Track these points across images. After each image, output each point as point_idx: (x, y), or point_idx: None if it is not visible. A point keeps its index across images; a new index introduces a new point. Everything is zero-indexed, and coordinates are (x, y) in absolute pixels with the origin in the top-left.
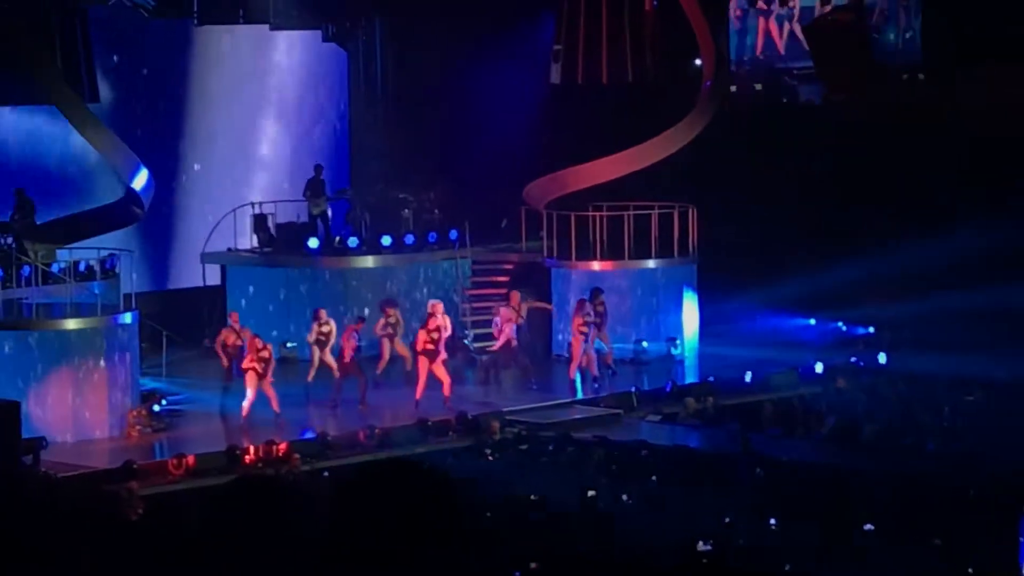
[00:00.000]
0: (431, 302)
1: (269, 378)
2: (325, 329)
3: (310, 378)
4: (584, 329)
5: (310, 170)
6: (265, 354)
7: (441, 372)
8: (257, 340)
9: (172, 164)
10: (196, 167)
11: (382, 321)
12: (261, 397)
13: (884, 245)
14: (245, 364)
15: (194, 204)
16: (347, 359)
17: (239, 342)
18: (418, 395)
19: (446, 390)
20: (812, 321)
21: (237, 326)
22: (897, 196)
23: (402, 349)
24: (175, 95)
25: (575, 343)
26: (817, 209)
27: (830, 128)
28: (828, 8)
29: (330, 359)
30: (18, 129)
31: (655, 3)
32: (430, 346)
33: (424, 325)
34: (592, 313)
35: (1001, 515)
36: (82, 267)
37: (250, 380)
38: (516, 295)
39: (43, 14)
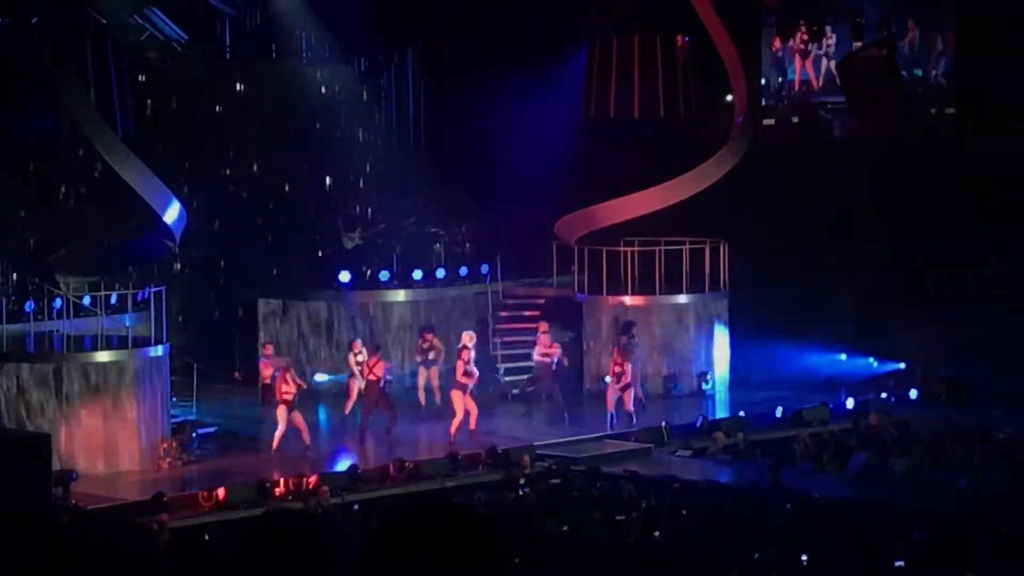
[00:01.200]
0: (465, 333)
1: (298, 411)
2: (360, 359)
3: (347, 411)
4: (618, 366)
5: (342, 204)
6: (295, 387)
7: (469, 403)
8: (290, 372)
9: (205, 197)
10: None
11: (419, 344)
12: (293, 430)
13: (917, 281)
14: (279, 395)
15: (230, 235)
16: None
17: (274, 373)
18: (453, 429)
19: (472, 422)
20: (843, 356)
21: (272, 357)
22: (929, 231)
23: (436, 381)
24: (207, 128)
25: (612, 378)
26: (850, 244)
27: (864, 162)
28: (860, 44)
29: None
30: None
31: (687, 38)
32: (464, 379)
33: (459, 356)
34: (624, 346)
35: None
36: (114, 299)
37: (281, 413)
38: (544, 326)
39: (77, 48)
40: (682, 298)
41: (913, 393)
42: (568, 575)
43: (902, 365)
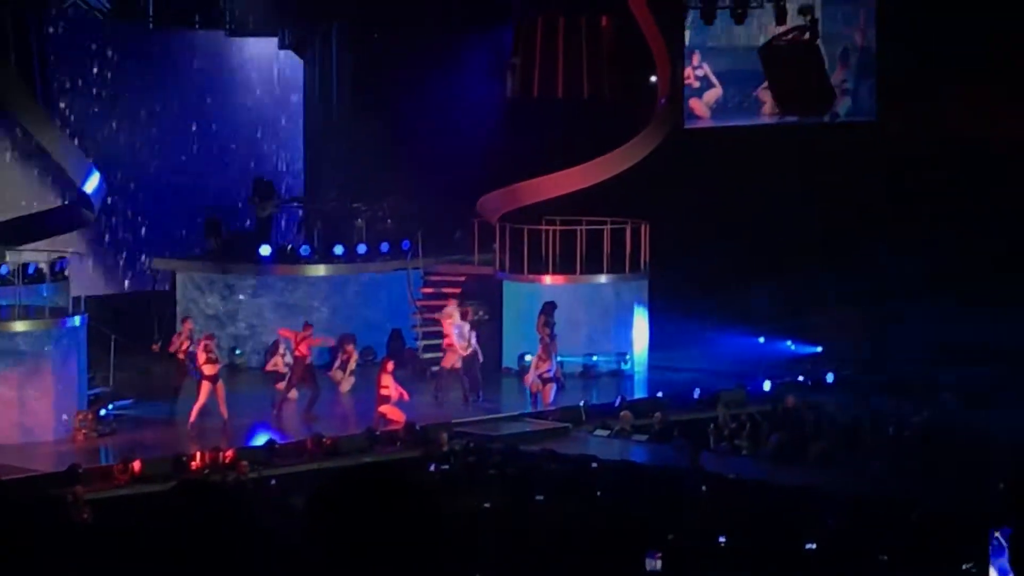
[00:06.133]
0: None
1: (220, 383)
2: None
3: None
4: (543, 362)
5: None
6: (214, 356)
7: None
8: (210, 343)
9: (126, 167)
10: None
11: (340, 357)
12: (212, 403)
13: (832, 265)
14: (199, 367)
15: (149, 208)
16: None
17: (190, 348)
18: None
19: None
20: (761, 339)
21: (189, 333)
22: (847, 217)
23: (346, 385)
24: (130, 99)
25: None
26: (768, 228)
27: (783, 147)
28: (783, 28)
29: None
30: None
31: (612, 20)
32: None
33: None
34: (547, 343)
35: (941, 540)
36: (31, 269)
37: (203, 385)
38: (452, 304)
39: None
40: (602, 278)
41: (830, 377)
42: (484, 550)
43: (819, 349)
